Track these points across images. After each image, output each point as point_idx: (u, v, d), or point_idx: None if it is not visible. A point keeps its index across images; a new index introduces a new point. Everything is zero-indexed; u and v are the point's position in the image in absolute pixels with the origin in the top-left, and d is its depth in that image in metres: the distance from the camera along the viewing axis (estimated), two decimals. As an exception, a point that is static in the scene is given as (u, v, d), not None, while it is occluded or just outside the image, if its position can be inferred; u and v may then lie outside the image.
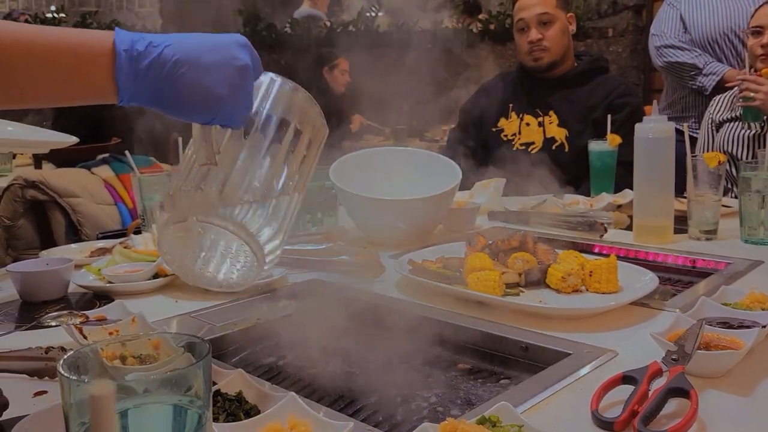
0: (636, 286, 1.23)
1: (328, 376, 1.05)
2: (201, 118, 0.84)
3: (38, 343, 1.02)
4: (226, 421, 0.78)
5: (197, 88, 0.81)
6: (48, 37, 0.80)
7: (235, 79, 0.83)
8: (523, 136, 2.51)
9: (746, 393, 0.86)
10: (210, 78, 0.81)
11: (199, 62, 0.81)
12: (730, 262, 1.43)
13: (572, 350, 1.01)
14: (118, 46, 0.79)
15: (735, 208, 1.70)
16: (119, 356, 0.72)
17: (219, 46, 0.83)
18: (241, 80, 0.83)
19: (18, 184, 2.29)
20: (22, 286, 1.37)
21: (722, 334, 0.95)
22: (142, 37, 0.81)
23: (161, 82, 0.80)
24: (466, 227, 1.83)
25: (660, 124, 1.58)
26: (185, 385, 0.55)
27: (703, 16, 2.90)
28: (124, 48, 0.79)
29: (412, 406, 0.96)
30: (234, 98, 0.83)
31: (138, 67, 0.80)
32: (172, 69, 0.80)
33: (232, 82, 0.82)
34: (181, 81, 0.80)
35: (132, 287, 1.39)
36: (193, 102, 0.82)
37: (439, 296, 1.27)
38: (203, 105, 0.82)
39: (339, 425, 0.73)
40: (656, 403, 0.78)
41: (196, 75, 0.80)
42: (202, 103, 0.82)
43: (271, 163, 0.90)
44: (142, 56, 0.80)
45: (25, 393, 0.92)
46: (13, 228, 2.27)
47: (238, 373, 0.87)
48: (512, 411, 0.74)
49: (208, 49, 0.82)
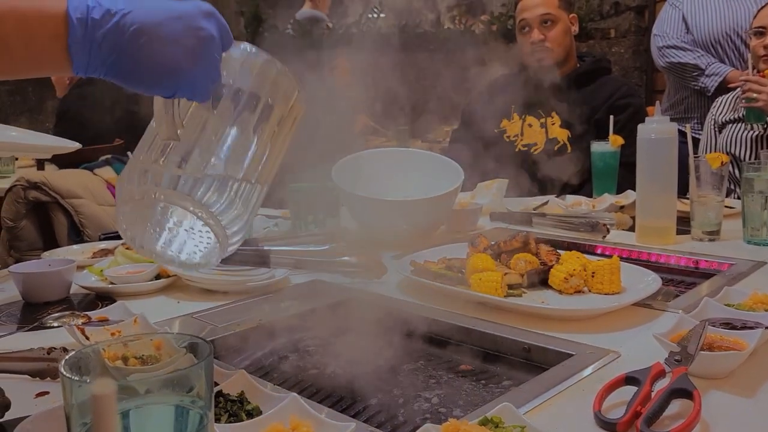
0: (639, 287, 1.23)
1: (330, 377, 1.05)
2: (162, 91, 0.80)
3: (40, 344, 1.02)
4: (228, 421, 0.77)
5: (157, 59, 0.76)
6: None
7: (198, 50, 0.78)
8: (525, 137, 2.51)
9: (749, 394, 0.86)
10: (171, 49, 0.77)
11: (160, 32, 0.76)
12: (733, 263, 1.43)
13: (575, 351, 1.00)
14: (71, 13, 0.75)
15: (738, 209, 1.69)
16: (121, 357, 0.72)
17: (182, 14, 0.78)
18: (205, 51, 0.79)
19: (20, 186, 2.29)
20: (25, 287, 1.37)
21: (725, 335, 0.95)
22: (98, 3, 0.76)
23: (119, 53, 0.76)
24: (468, 228, 1.82)
25: (662, 124, 1.58)
26: (187, 385, 0.55)
27: (706, 17, 2.89)
28: (77, 16, 0.75)
29: (414, 407, 0.96)
30: (197, 70, 0.79)
31: (93, 36, 0.75)
32: (130, 39, 0.75)
33: (195, 54, 0.78)
34: (141, 52, 0.76)
35: (134, 288, 1.39)
36: (153, 74, 0.77)
37: (441, 297, 1.27)
38: (164, 77, 0.78)
39: (341, 426, 0.73)
40: (659, 404, 0.78)
41: (156, 46, 0.76)
42: (162, 76, 0.77)
43: (236, 140, 0.85)
44: (97, 25, 0.75)
45: (27, 394, 0.92)
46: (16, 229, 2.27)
47: (240, 374, 0.87)
48: (515, 412, 0.74)
49: (171, 18, 0.77)
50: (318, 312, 1.26)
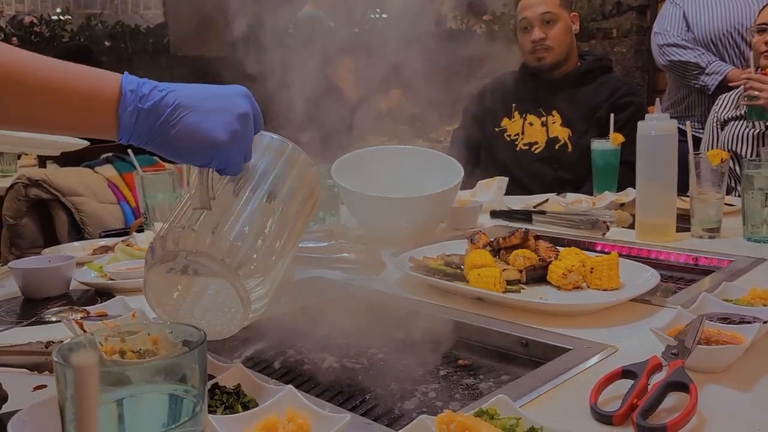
0: (637, 282, 1.22)
1: (328, 371, 1.05)
2: (198, 160, 0.87)
3: (39, 338, 1.03)
4: (225, 413, 0.77)
5: (196, 131, 0.84)
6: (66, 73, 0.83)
7: (234, 125, 0.85)
8: (526, 136, 2.51)
9: (746, 388, 0.86)
10: (210, 122, 0.84)
11: (200, 107, 0.84)
12: (732, 260, 1.43)
13: (572, 346, 1.00)
14: (124, 86, 0.83)
15: (738, 206, 1.69)
16: (118, 351, 0.72)
17: (221, 94, 0.87)
18: (241, 127, 0.86)
19: (21, 183, 2.29)
20: (24, 282, 1.38)
21: (723, 330, 0.94)
22: (148, 81, 0.85)
23: (161, 124, 0.83)
24: (468, 226, 1.82)
25: (662, 121, 1.57)
26: (180, 373, 0.55)
27: (707, 15, 2.88)
28: (130, 88, 0.83)
29: (411, 400, 0.96)
30: (232, 143, 0.85)
31: (141, 107, 0.83)
32: (172, 113, 0.83)
33: (232, 128, 0.85)
34: (181, 123, 0.83)
35: (133, 284, 1.39)
36: (191, 145, 0.84)
37: (439, 293, 1.27)
38: (201, 148, 0.84)
39: (336, 417, 0.73)
40: (655, 397, 0.78)
41: (196, 119, 0.84)
42: (200, 146, 0.84)
43: (263, 214, 0.91)
44: (146, 98, 0.83)
45: (25, 387, 0.93)
46: (17, 226, 2.27)
47: (236, 367, 0.87)
48: (510, 404, 0.74)
49: (210, 97, 0.86)
50: (317, 307, 1.26)
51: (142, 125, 0.84)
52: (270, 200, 0.93)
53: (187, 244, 0.85)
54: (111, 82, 0.84)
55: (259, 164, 0.94)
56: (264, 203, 0.92)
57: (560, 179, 2.40)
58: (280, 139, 0.98)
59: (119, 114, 0.83)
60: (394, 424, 0.87)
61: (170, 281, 0.91)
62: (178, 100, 0.84)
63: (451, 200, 1.76)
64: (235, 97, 0.88)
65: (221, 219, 0.87)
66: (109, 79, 0.84)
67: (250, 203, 0.91)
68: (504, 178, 2.11)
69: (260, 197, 0.92)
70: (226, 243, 0.85)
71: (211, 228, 0.86)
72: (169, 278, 0.90)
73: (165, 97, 0.84)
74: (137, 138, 0.85)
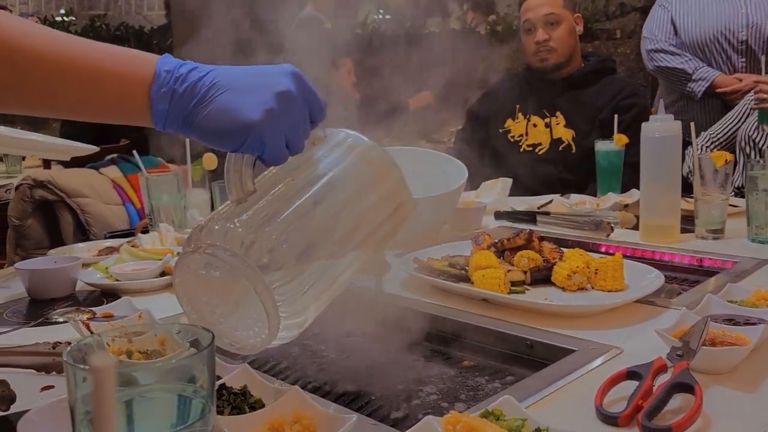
0: (642, 284, 1.23)
1: (333, 372, 1.06)
2: (230, 143, 0.78)
3: (45, 339, 1.03)
4: (231, 414, 0.78)
5: (227, 110, 0.76)
6: (98, 54, 0.78)
7: (270, 104, 0.76)
8: (530, 137, 2.51)
9: (751, 389, 0.86)
10: (241, 100, 0.76)
11: (236, 86, 0.77)
12: (736, 261, 1.43)
13: (577, 347, 1.00)
14: (159, 67, 0.78)
15: (742, 207, 1.69)
16: (125, 352, 0.73)
17: (262, 72, 0.79)
18: (278, 105, 0.77)
19: (27, 184, 2.30)
20: (31, 283, 1.38)
21: (728, 331, 0.95)
22: (189, 62, 0.79)
23: (195, 105, 0.77)
24: (472, 227, 1.82)
25: (666, 123, 1.58)
26: (189, 374, 0.56)
27: (694, 19, 2.86)
28: (165, 69, 0.78)
29: (416, 401, 0.96)
30: (267, 124, 0.76)
31: (176, 88, 0.77)
32: (206, 92, 0.77)
33: (267, 107, 0.76)
34: (213, 104, 0.76)
35: (139, 285, 1.40)
36: (221, 125, 0.76)
37: (444, 294, 1.28)
38: (231, 129, 0.76)
39: (343, 418, 0.74)
40: (660, 398, 0.78)
41: (228, 98, 0.76)
42: (230, 127, 0.76)
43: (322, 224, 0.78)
44: (183, 79, 0.77)
45: (33, 387, 0.93)
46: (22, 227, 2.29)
47: (243, 368, 0.87)
48: (516, 405, 0.74)
49: (251, 75, 0.78)
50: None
51: (176, 108, 0.77)
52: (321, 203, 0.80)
53: (210, 236, 0.76)
54: (147, 62, 0.78)
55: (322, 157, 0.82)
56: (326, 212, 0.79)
57: (564, 180, 2.40)
58: (357, 135, 0.85)
59: (151, 96, 0.77)
60: (400, 425, 0.88)
61: (203, 281, 0.79)
62: (216, 79, 0.77)
63: (455, 201, 1.76)
64: (277, 74, 0.78)
65: (254, 212, 0.77)
66: (146, 59, 0.79)
67: (293, 201, 0.79)
68: (508, 179, 2.11)
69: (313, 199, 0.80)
70: (249, 237, 0.74)
71: (237, 220, 0.76)
72: (201, 277, 0.79)
73: (203, 78, 0.77)
74: (172, 123, 0.78)
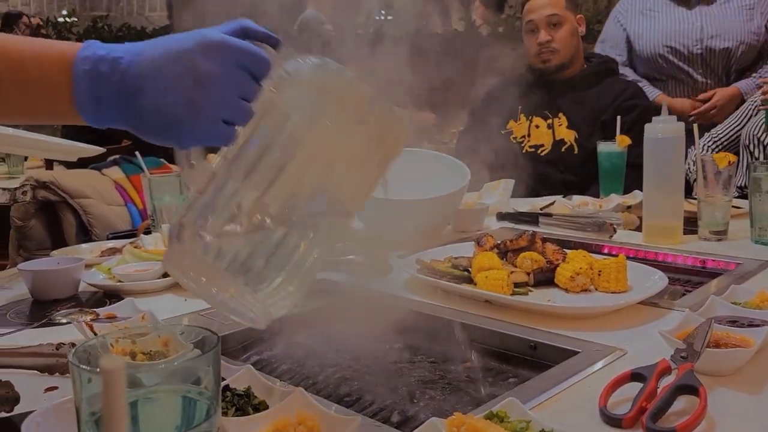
0: (645, 285, 1.22)
1: (336, 373, 1.06)
2: (169, 142, 0.75)
3: (49, 340, 1.03)
4: (235, 415, 0.78)
5: (155, 111, 0.72)
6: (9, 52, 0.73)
7: (192, 95, 0.72)
8: (532, 139, 2.51)
9: (756, 391, 0.86)
10: (166, 98, 0.72)
11: (158, 79, 0.72)
12: (740, 263, 1.42)
13: (581, 349, 1.00)
14: (77, 66, 0.72)
15: (745, 209, 1.69)
16: (129, 353, 0.73)
17: (181, 53, 0.73)
18: (201, 94, 0.72)
19: (29, 185, 2.30)
20: (33, 284, 1.38)
21: (731, 333, 0.94)
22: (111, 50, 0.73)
23: (125, 106, 0.73)
24: (474, 228, 1.82)
25: (669, 124, 1.58)
26: (194, 376, 0.56)
27: (646, 30, 2.87)
28: (84, 68, 0.72)
29: (420, 403, 0.96)
30: (194, 116, 0.73)
31: (99, 94, 0.72)
32: (133, 93, 0.72)
33: (189, 99, 0.72)
34: (143, 105, 0.72)
35: (141, 286, 1.40)
36: (155, 126, 0.73)
37: (447, 295, 1.27)
38: (164, 128, 0.73)
39: (347, 420, 0.74)
40: (665, 400, 0.78)
41: (154, 98, 0.72)
42: (162, 127, 0.73)
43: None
44: (104, 79, 0.72)
45: (36, 388, 0.93)
46: (25, 228, 2.29)
47: (246, 369, 0.87)
48: (520, 407, 0.74)
49: (170, 60, 0.73)
50: (324, 310, 1.26)
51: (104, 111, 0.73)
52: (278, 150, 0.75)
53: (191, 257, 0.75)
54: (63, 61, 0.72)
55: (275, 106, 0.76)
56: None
57: (566, 181, 2.40)
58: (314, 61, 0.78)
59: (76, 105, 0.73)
60: (404, 427, 0.88)
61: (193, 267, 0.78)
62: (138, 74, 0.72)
63: (457, 202, 1.76)
64: (196, 55, 0.72)
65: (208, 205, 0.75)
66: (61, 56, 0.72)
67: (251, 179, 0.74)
68: (510, 181, 2.11)
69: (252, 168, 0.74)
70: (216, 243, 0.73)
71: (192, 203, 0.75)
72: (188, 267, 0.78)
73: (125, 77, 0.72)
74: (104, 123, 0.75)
